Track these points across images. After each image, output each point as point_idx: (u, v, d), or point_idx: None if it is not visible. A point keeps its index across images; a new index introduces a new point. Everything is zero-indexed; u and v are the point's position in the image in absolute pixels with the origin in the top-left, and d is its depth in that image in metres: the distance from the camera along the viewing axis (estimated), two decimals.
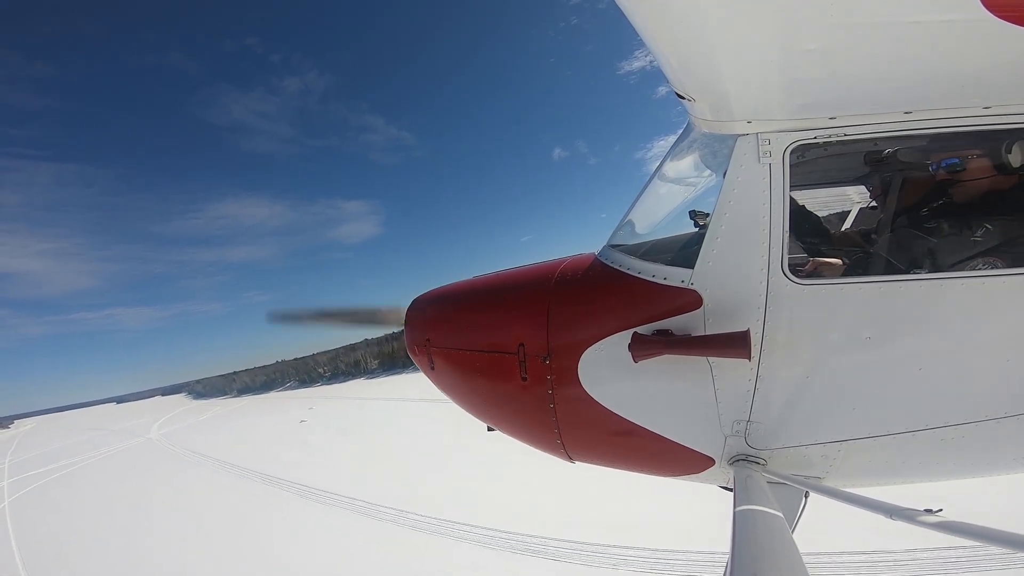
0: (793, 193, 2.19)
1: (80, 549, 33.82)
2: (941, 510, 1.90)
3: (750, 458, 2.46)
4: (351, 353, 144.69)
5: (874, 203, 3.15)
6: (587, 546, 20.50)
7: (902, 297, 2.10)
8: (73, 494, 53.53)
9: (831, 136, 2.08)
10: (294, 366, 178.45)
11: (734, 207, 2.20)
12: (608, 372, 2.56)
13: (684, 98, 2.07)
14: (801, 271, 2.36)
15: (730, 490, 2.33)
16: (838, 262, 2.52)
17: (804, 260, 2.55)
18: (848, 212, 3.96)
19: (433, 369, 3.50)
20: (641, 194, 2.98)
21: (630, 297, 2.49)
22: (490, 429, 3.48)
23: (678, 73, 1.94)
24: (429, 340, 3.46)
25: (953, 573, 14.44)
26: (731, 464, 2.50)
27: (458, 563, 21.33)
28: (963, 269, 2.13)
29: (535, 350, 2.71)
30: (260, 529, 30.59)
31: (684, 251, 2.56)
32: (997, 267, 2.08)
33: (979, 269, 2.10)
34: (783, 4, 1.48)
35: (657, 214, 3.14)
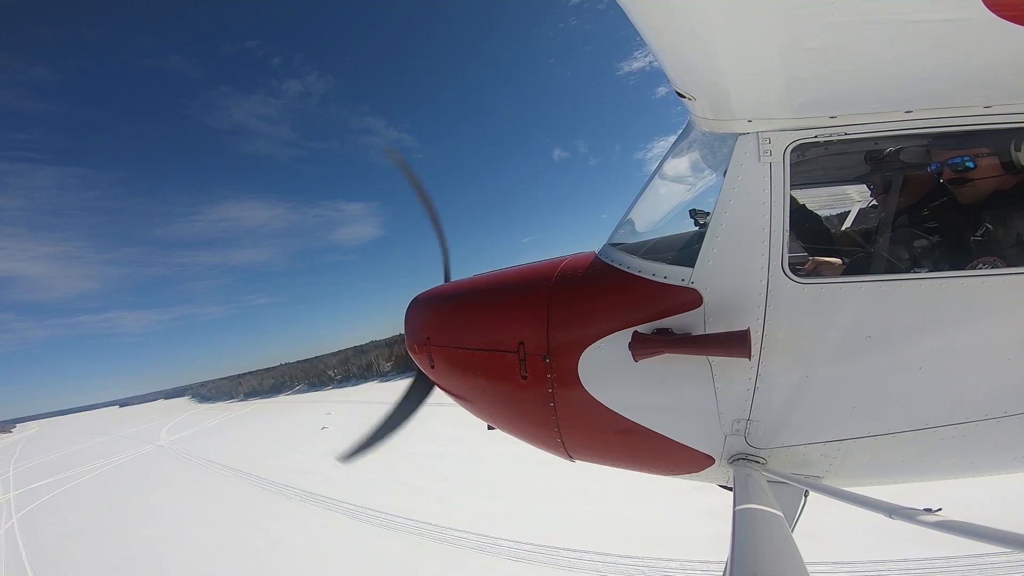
0: (793, 192, 2.19)
1: (102, 572, 30.83)
2: (940, 509, 1.90)
3: (750, 457, 2.45)
4: (361, 356, 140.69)
5: (875, 202, 3.15)
6: (622, 558, 19.91)
7: (902, 296, 2.10)
8: (86, 508, 49.25)
9: (832, 135, 2.08)
10: (302, 368, 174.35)
11: (734, 206, 2.19)
12: (608, 371, 2.56)
13: (684, 97, 2.07)
14: (801, 270, 2.36)
15: (730, 489, 2.33)
16: (838, 261, 2.51)
17: (804, 259, 2.55)
18: (849, 211, 3.96)
19: (433, 368, 3.50)
20: (641, 193, 2.98)
21: (630, 296, 2.49)
22: (490, 428, 3.49)
23: (678, 71, 1.94)
24: (429, 339, 3.46)
25: None
26: (731, 463, 2.50)
27: None
28: (964, 269, 2.13)
29: (535, 349, 2.71)
30: (301, 552, 27.99)
31: (684, 250, 2.56)
32: (998, 267, 2.08)
33: (980, 269, 2.10)
34: (784, 2, 1.48)
35: (657, 213, 3.14)
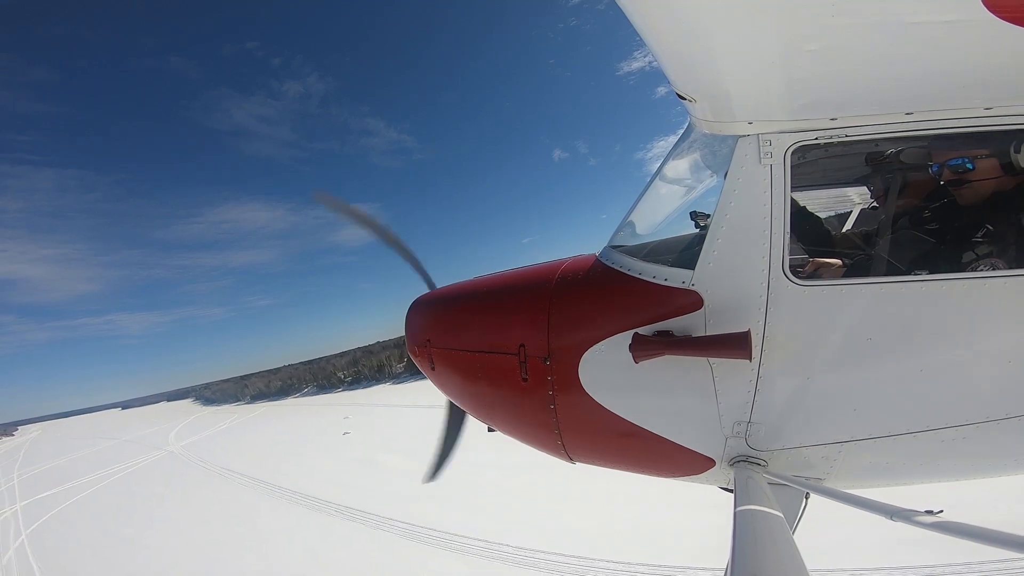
0: (794, 194, 2.19)
1: None
2: (942, 511, 1.90)
3: (751, 459, 2.45)
4: (370, 356, 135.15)
5: (875, 204, 3.15)
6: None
7: (903, 298, 2.10)
8: (100, 522, 45.14)
9: (832, 137, 2.08)
10: (309, 370, 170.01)
11: (735, 208, 2.19)
12: (609, 373, 2.56)
13: (685, 99, 2.07)
14: (802, 272, 2.36)
15: (730, 491, 2.32)
16: (839, 263, 2.51)
17: (805, 261, 2.55)
18: (849, 213, 3.96)
19: (434, 370, 3.50)
20: (642, 195, 2.98)
21: (631, 298, 2.49)
22: (490, 430, 3.48)
23: (679, 73, 1.94)
24: (430, 341, 3.46)
25: None
26: (731, 465, 2.49)
27: None
28: (964, 270, 2.13)
29: (535, 351, 2.71)
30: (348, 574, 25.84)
31: (685, 252, 2.56)
32: (998, 268, 2.07)
33: (980, 270, 2.10)
34: (784, 4, 1.47)
35: (658, 215, 3.14)
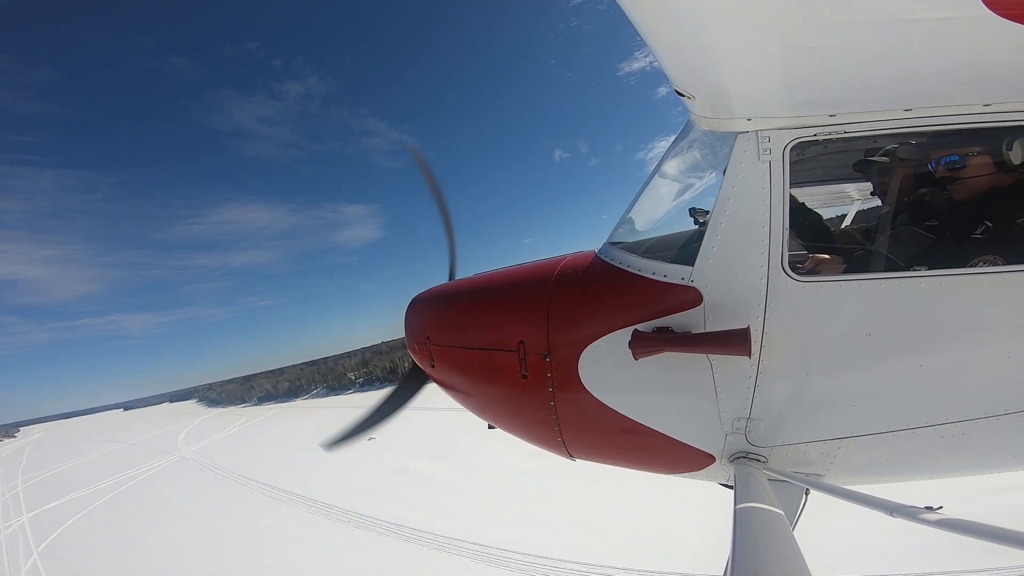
0: (793, 190, 2.19)
1: None
2: (941, 507, 1.90)
3: (750, 455, 2.46)
4: (379, 357, 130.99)
5: (874, 200, 3.15)
6: None
7: (902, 294, 2.10)
8: (118, 542, 40.35)
9: (831, 133, 2.08)
10: (318, 371, 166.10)
11: (734, 205, 2.20)
12: (608, 370, 2.56)
13: (684, 95, 2.08)
14: (801, 268, 2.36)
15: (730, 487, 2.33)
16: (838, 259, 2.52)
17: (804, 257, 2.55)
18: (848, 209, 3.96)
19: (433, 367, 3.50)
20: (641, 192, 2.99)
21: (630, 294, 2.50)
22: (491, 427, 3.49)
23: (678, 70, 1.95)
24: (429, 338, 3.46)
25: None
26: (731, 461, 2.50)
27: None
28: (963, 266, 2.13)
29: (535, 348, 2.72)
30: None
31: (684, 248, 2.56)
32: (997, 264, 2.08)
33: (979, 266, 2.10)
34: (783, 2, 1.48)
35: (657, 212, 3.14)
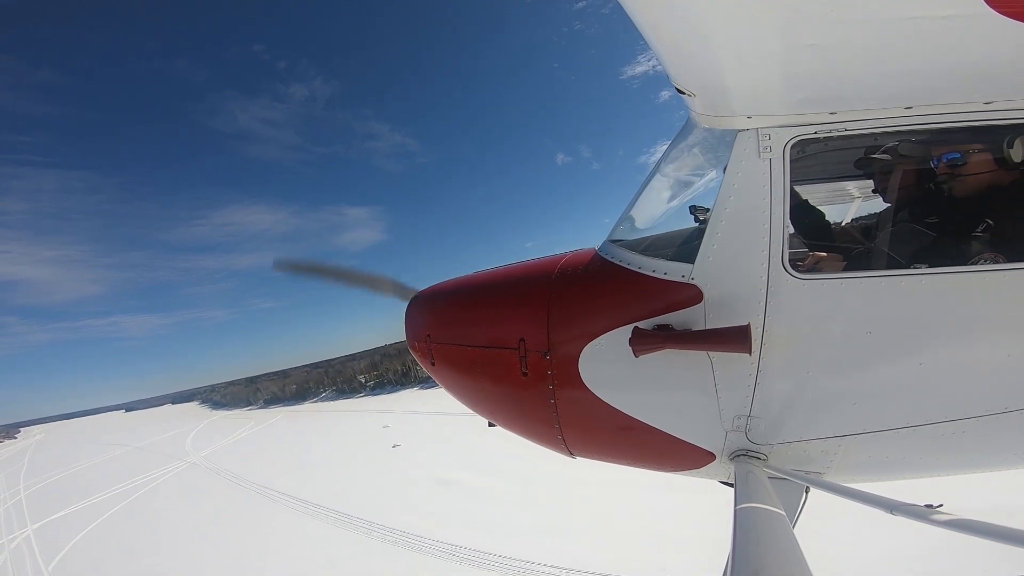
0: (794, 188, 2.19)
1: None
2: (942, 505, 1.90)
3: (751, 453, 2.46)
4: (389, 360, 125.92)
5: (875, 198, 3.15)
6: None
7: (903, 292, 2.11)
8: (134, 562, 35.55)
9: (832, 131, 2.08)
10: (326, 373, 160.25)
11: (734, 202, 2.20)
12: (609, 367, 2.56)
13: (684, 93, 2.08)
14: (801, 266, 2.36)
15: (731, 485, 2.33)
16: (839, 257, 2.52)
17: (804, 255, 2.55)
18: (849, 207, 3.96)
19: (434, 365, 3.51)
20: (642, 189, 2.99)
21: (631, 292, 2.50)
22: (491, 425, 3.49)
23: (678, 68, 1.95)
24: (430, 336, 3.46)
25: None
26: (732, 459, 2.50)
27: None
28: (964, 264, 2.13)
29: (535, 345, 2.72)
30: None
31: (684, 246, 2.57)
32: (998, 262, 2.08)
33: (980, 264, 2.10)
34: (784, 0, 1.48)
35: (657, 209, 3.14)
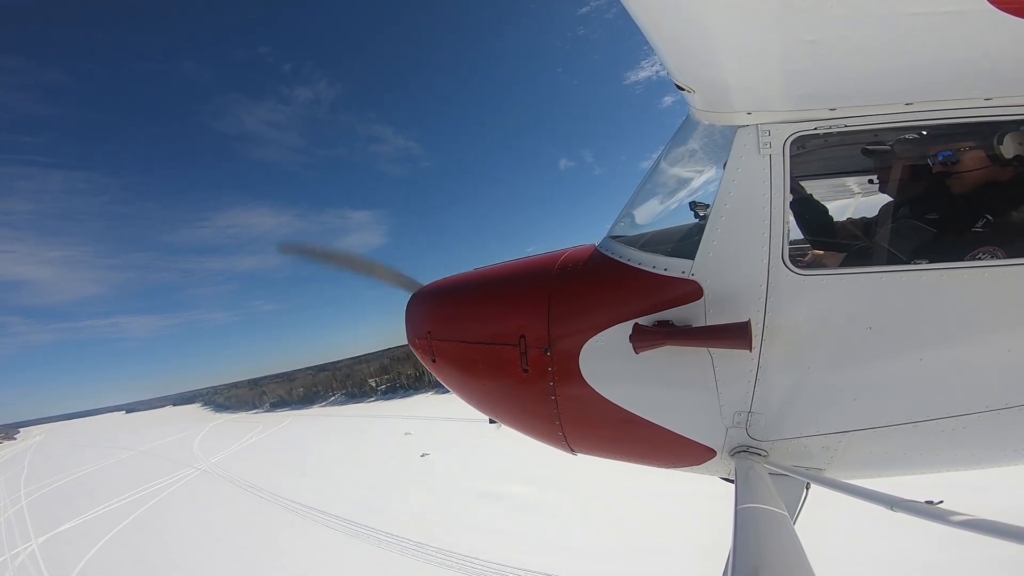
0: (793, 183, 2.19)
1: None
2: (942, 501, 1.90)
3: (751, 449, 2.46)
4: (399, 364, 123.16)
5: (875, 194, 3.15)
6: None
7: (903, 287, 2.11)
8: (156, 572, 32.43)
9: (831, 127, 2.09)
10: (335, 376, 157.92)
11: (734, 198, 2.20)
12: (609, 363, 2.57)
13: (684, 89, 2.08)
14: (801, 261, 2.36)
15: (731, 481, 2.33)
16: (838, 253, 2.52)
17: (804, 251, 2.55)
18: (848, 203, 3.95)
19: (434, 362, 3.51)
20: (642, 185, 2.99)
21: (631, 288, 2.50)
22: (492, 422, 3.49)
23: (678, 64, 1.96)
24: (430, 333, 3.47)
25: None
26: (732, 455, 2.50)
27: None
28: (964, 259, 2.13)
29: (536, 342, 2.72)
30: None
31: (684, 242, 2.57)
32: (997, 257, 2.08)
33: (980, 259, 2.10)
34: None
35: (658, 205, 3.14)
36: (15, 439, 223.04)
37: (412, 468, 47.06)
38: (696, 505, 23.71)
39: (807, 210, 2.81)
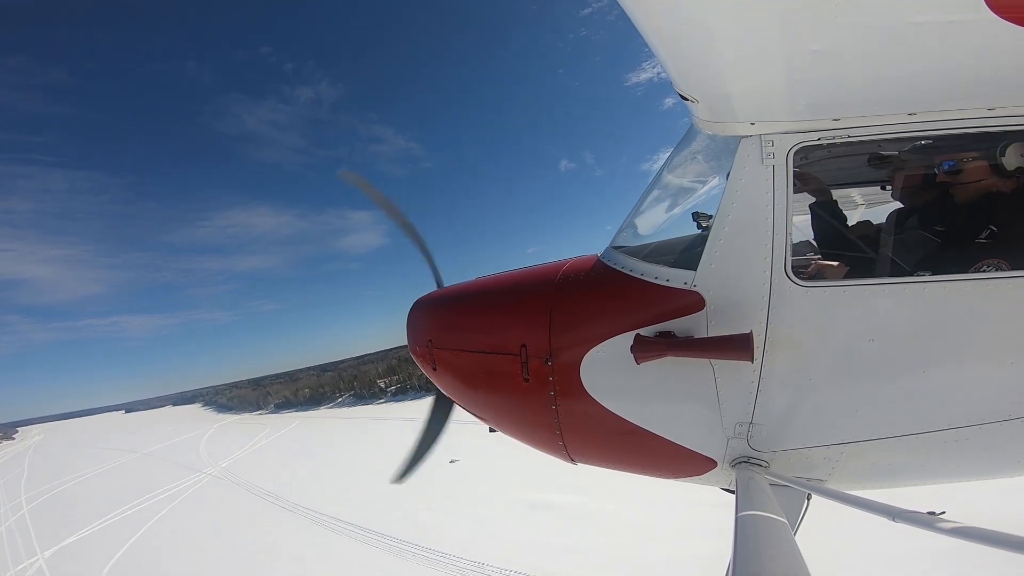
0: (796, 194, 2.19)
1: None
2: (944, 512, 1.89)
3: (752, 460, 2.45)
4: (408, 365, 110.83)
5: (878, 205, 3.15)
6: None
7: (906, 299, 2.10)
8: None
9: (835, 137, 2.08)
10: (342, 377, 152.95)
11: (737, 209, 2.19)
12: (610, 374, 2.55)
13: (687, 99, 2.07)
14: (804, 273, 2.36)
15: (732, 492, 2.32)
16: (841, 264, 2.51)
17: (807, 262, 2.55)
18: (851, 214, 3.94)
19: (435, 371, 3.50)
20: (644, 196, 2.98)
21: (633, 299, 2.49)
22: (492, 430, 3.48)
23: (681, 74, 1.95)
24: (431, 341, 3.46)
25: None
26: (733, 466, 2.49)
27: None
28: (967, 271, 2.12)
29: (537, 351, 2.71)
30: None
31: (687, 253, 2.56)
32: (1002, 269, 2.07)
33: (984, 271, 2.09)
34: (787, 5, 1.48)
35: (660, 216, 3.13)
36: (14, 439, 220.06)
37: (443, 475, 42.25)
38: None
39: (811, 220, 2.80)
